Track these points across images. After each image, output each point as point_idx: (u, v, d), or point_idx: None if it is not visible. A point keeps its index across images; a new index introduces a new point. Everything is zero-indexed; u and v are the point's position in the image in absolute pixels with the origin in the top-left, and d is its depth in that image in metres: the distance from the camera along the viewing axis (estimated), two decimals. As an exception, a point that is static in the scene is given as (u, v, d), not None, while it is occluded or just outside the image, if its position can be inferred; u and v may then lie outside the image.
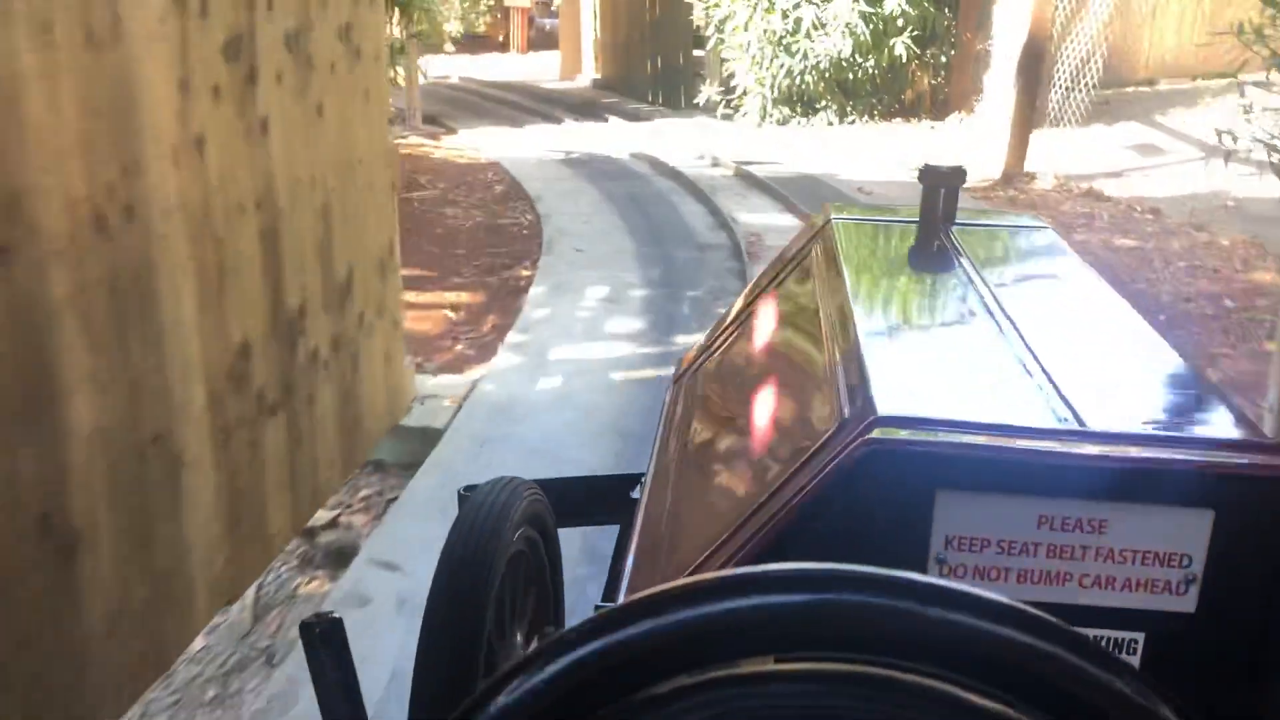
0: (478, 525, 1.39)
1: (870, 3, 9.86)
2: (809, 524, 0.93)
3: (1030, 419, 0.97)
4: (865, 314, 1.28)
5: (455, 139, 10.56)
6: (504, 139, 10.45)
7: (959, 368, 1.19)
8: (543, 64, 16.98)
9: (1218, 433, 1.00)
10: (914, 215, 1.70)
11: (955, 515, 0.90)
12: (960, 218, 1.68)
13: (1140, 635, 0.91)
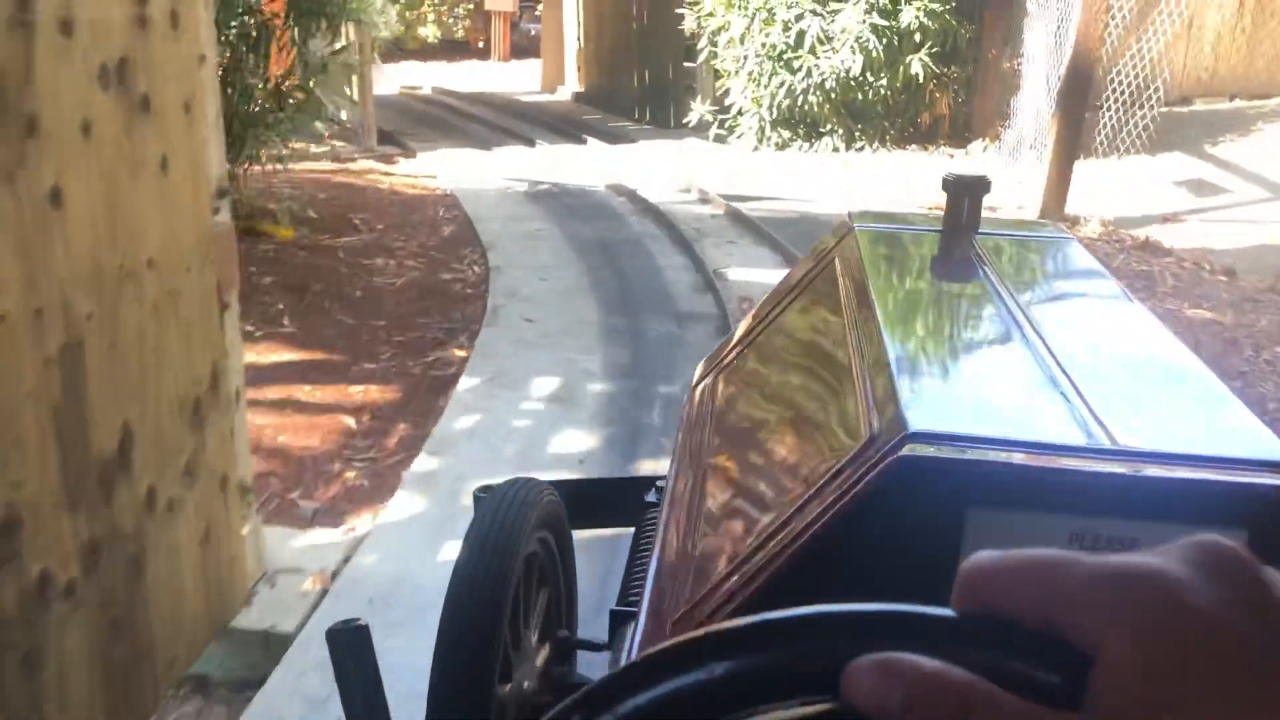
0: (495, 526, 1.40)
1: (884, 14, 8.67)
2: (838, 540, 0.92)
3: (1061, 436, 0.95)
4: (892, 325, 1.25)
5: (412, 163, 9.35)
6: (467, 163, 9.24)
7: (988, 382, 1.19)
8: (525, 73, 15.77)
9: (1249, 452, 0.93)
10: (937, 224, 1.69)
11: (986, 532, 0.88)
12: (981, 226, 1.65)
13: None
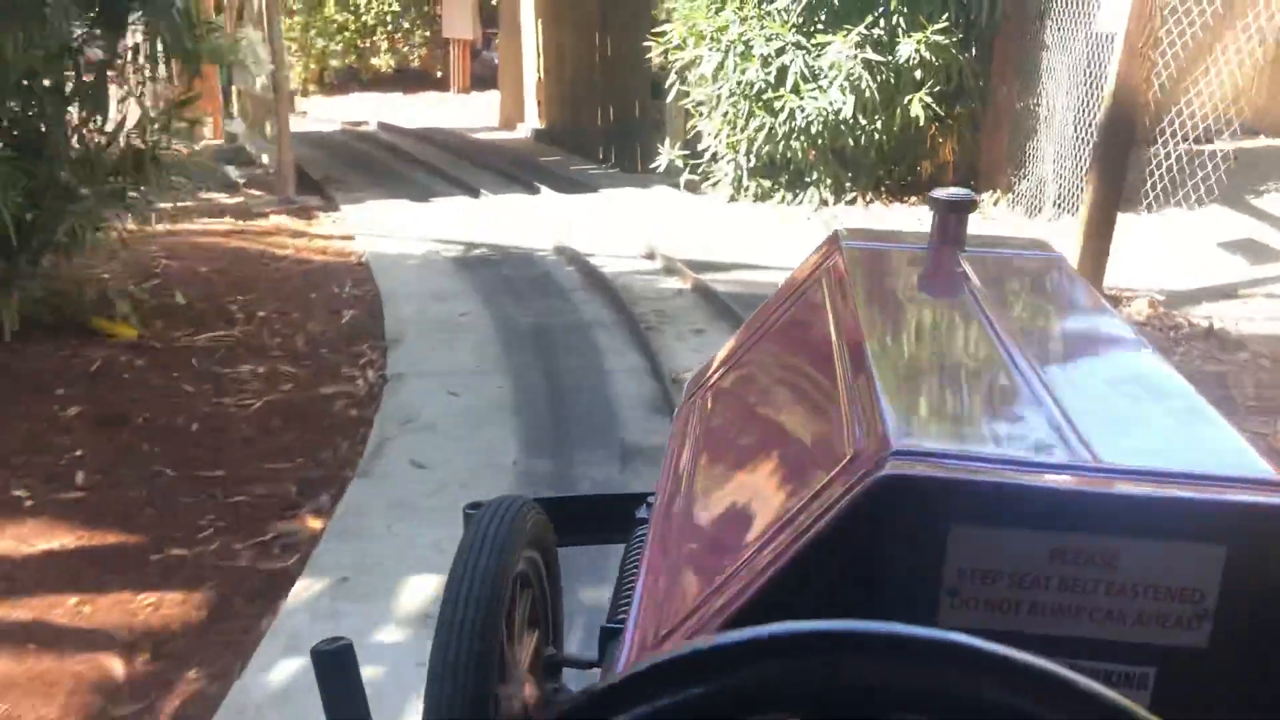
0: (486, 545, 1.38)
1: (878, 49, 7.45)
2: (822, 558, 0.92)
3: (1044, 453, 0.96)
4: (877, 342, 1.26)
5: (333, 218, 8.05)
6: (397, 220, 7.95)
7: (971, 399, 1.19)
8: (483, 107, 14.52)
9: (1230, 468, 0.94)
10: (923, 241, 1.67)
11: (969, 548, 0.89)
12: (968, 243, 1.62)
13: (1151, 670, 0.90)
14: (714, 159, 8.65)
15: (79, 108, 4.49)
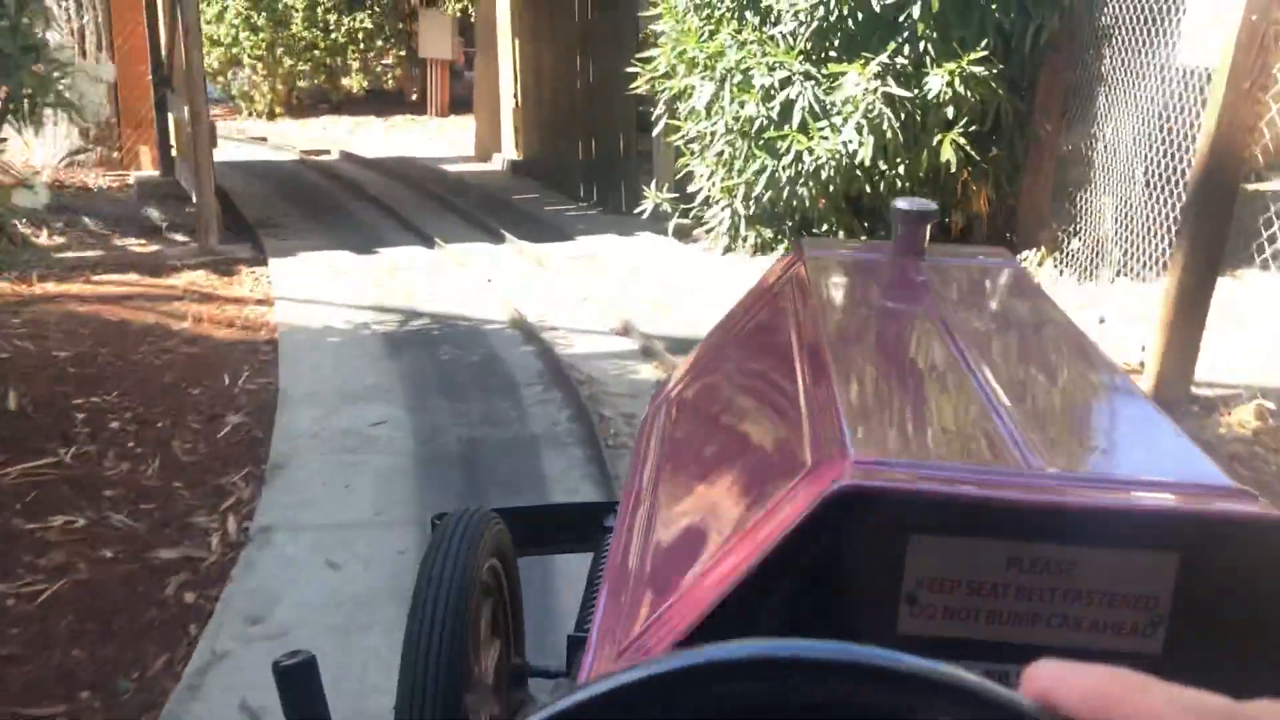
0: (451, 558, 1.43)
1: (902, 81, 6.26)
2: (780, 569, 0.91)
3: (1001, 462, 0.97)
4: (838, 352, 1.27)
5: (256, 274, 6.82)
6: (330, 277, 6.74)
7: (931, 409, 1.20)
8: (461, 132, 13.34)
9: (1183, 476, 0.98)
10: (884, 249, 1.69)
11: (927, 557, 0.89)
12: (929, 252, 1.63)
13: None
14: (707, 203, 7.46)
15: None
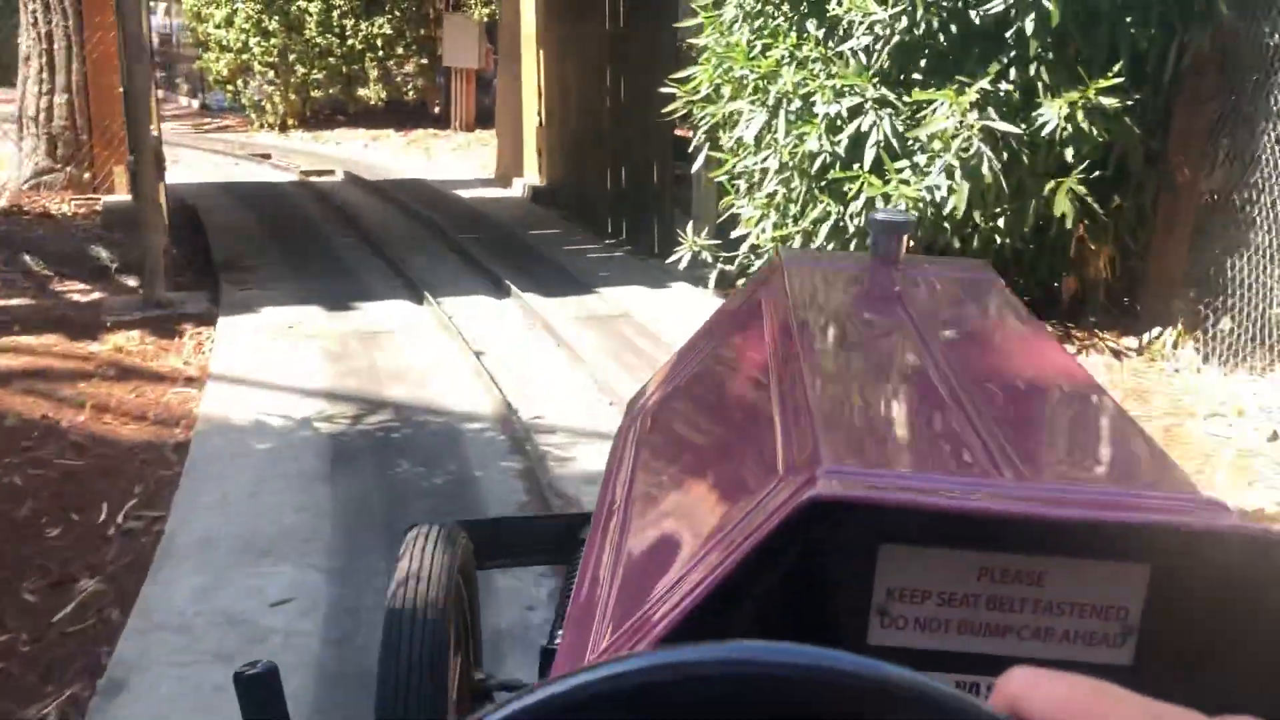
0: (424, 571, 1.50)
1: (1008, 112, 4.91)
2: (751, 577, 0.91)
3: (972, 473, 0.97)
4: (812, 362, 1.27)
5: (202, 337, 5.60)
6: (287, 347, 5.50)
7: (903, 419, 1.21)
8: (485, 149, 12.12)
9: (1154, 488, 0.99)
10: (863, 260, 1.70)
11: (897, 567, 0.89)
12: (907, 264, 1.66)
13: None
14: (754, 252, 6.14)
15: None
